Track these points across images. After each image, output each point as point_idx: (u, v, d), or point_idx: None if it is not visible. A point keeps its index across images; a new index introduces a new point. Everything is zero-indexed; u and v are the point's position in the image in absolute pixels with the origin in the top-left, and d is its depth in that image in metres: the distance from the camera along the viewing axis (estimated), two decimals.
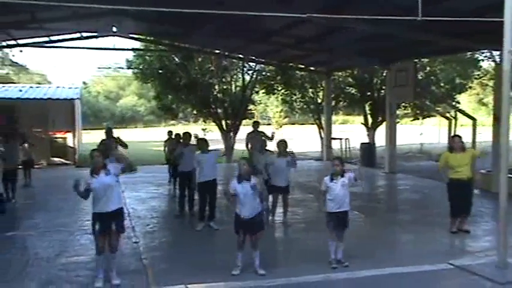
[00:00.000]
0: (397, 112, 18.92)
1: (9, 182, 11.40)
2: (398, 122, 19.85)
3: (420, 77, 19.51)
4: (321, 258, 7.02)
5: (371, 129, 21.47)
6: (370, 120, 21.59)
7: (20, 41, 17.71)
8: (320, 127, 22.37)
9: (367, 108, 22.14)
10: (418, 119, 23.26)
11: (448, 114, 17.63)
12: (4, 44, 17.98)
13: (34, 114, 19.32)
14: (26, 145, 13.67)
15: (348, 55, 16.94)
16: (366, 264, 6.89)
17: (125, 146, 11.71)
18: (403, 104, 20.61)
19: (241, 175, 6.59)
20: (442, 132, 25.44)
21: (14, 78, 49.00)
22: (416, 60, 17.31)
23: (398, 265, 6.88)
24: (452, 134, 11.32)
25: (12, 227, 9.23)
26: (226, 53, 19.59)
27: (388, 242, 8.47)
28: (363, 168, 7.37)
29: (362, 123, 22.05)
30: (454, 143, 8.58)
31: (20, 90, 21.79)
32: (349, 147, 20.96)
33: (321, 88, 22.27)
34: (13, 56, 41.80)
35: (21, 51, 19.34)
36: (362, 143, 20.29)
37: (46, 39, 17.60)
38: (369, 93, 21.51)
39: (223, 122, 21.47)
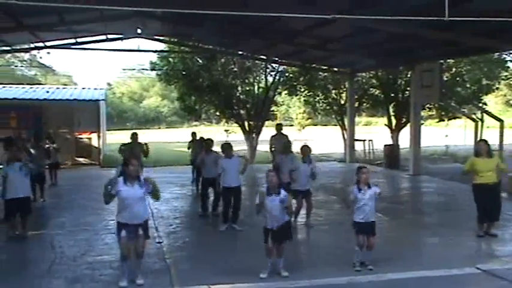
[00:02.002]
0: (422, 113, 18.67)
1: (37, 183, 11.58)
2: (423, 123, 19.57)
3: (446, 78, 19.21)
4: (344, 260, 6.97)
5: (395, 131, 21.23)
6: (394, 121, 21.36)
7: (48, 43, 18.06)
8: (343, 128, 22.22)
9: (391, 109, 21.91)
10: (443, 120, 22.88)
11: (474, 116, 17.32)
12: (32, 45, 18.33)
13: (60, 115, 19.63)
14: (53, 145, 13.88)
15: (372, 56, 16.80)
16: (391, 267, 6.80)
17: (146, 154, 11.81)
18: (428, 105, 20.34)
19: (270, 188, 6.53)
20: (468, 134, 25.03)
21: (41, 79, 49.96)
22: (442, 60, 17.06)
23: (425, 269, 6.78)
24: (478, 139, 11.13)
25: (41, 226, 9.38)
26: (249, 54, 19.62)
27: (414, 244, 8.35)
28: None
29: (386, 125, 21.80)
30: (480, 148, 8.46)
31: (47, 92, 22.14)
32: (372, 149, 20.77)
33: (344, 89, 22.13)
34: (40, 57, 42.75)
35: (48, 53, 19.72)
36: (386, 145, 20.08)
37: (73, 41, 17.92)
38: (392, 95, 21.26)
39: (246, 123, 21.49)
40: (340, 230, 8.52)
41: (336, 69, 20.99)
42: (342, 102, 22.46)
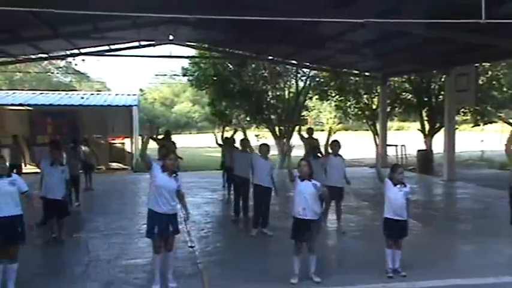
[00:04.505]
0: (456, 118, 18.32)
1: (73, 186, 11.83)
2: (457, 128, 19.19)
3: (481, 82, 18.80)
4: (376, 267, 6.88)
5: (428, 136, 20.87)
6: (427, 126, 21.00)
7: (83, 50, 18.49)
8: (375, 133, 21.99)
9: (424, 114, 21.56)
10: (478, 125, 22.39)
11: (511, 120, 16.85)
12: (68, 53, 18.80)
13: (94, 121, 20.03)
14: (88, 149, 14.17)
15: (405, 60, 16.58)
16: (425, 275, 6.68)
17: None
18: (463, 109, 19.94)
19: (302, 176, 6.56)
20: (504, 140, 24.35)
21: (76, 85, 51.11)
22: (477, 64, 16.70)
23: (460, 277, 6.63)
24: None
25: (76, 229, 9.56)
26: (280, 59, 19.64)
27: (448, 252, 8.17)
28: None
29: (419, 130, 21.45)
30: None
31: (82, 98, 22.64)
32: (405, 154, 20.46)
33: (376, 94, 21.91)
34: (76, 64, 43.82)
35: (83, 60, 20.21)
36: (419, 150, 19.76)
37: (106, 48, 18.29)
38: (426, 99, 20.93)
39: (277, 128, 21.49)
40: (372, 236, 8.40)
41: (367, 73, 20.81)
42: (374, 107, 22.24)
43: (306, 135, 13.11)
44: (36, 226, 8.55)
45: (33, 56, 18.87)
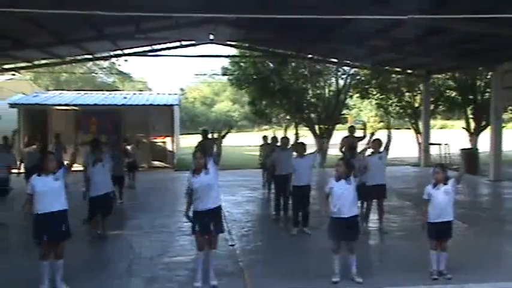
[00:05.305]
0: (503, 116, 17.73)
1: (117, 185, 12.09)
2: (504, 126, 18.57)
3: None
4: (420, 268, 6.73)
5: (473, 134, 20.29)
6: (472, 124, 20.42)
7: (126, 51, 18.91)
8: (417, 132, 21.55)
9: (469, 112, 20.98)
10: None
11: None
12: (112, 53, 19.26)
13: (137, 120, 20.42)
14: (131, 146, 14.47)
15: (449, 57, 16.17)
16: (470, 277, 6.49)
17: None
18: (510, 107, 19.28)
19: (339, 176, 6.50)
20: None
21: (119, 85, 52.30)
22: None
23: (508, 279, 6.42)
24: None
25: (119, 226, 9.78)
26: (320, 57, 19.50)
27: (495, 254, 7.90)
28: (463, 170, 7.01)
29: (463, 128, 20.88)
30: None
31: (125, 97, 23.11)
32: (448, 153, 19.95)
33: (419, 91, 21.46)
34: (119, 65, 44.92)
35: (126, 60, 20.65)
36: (463, 149, 19.22)
37: (148, 48, 18.63)
38: (471, 97, 20.36)
39: (317, 127, 21.36)
40: (416, 237, 8.23)
41: (410, 71, 20.42)
42: (416, 105, 21.79)
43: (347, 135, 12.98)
44: (82, 223, 8.87)
45: (78, 57, 19.45)
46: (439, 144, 20.09)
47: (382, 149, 9.07)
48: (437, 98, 21.48)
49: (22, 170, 12.31)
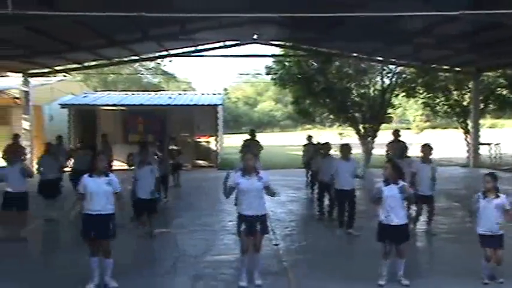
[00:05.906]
0: None
1: (162, 184, 12.28)
2: None
3: None
4: (470, 272, 6.53)
5: None
6: None
7: (171, 52, 19.19)
8: (466, 131, 20.91)
9: None
10: None
11: None
12: (157, 54, 19.59)
13: (181, 120, 20.69)
14: (176, 147, 14.69)
15: (500, 53, 15.59)
16: None
17: (260, 148, 12.34)
18: None
19: (387, 179, 6.36)
20: None
21: (164, 86, 53.20)
22: None
23: None
24: None
25: (165, 225, 9.92)
26: (365, 56, 19.21)
27: None
28: None
29: None
30: None
31: (170, 98, 23.48)
32: (500, 153, 19.27)
33: (468, 90, 20.82)
34: (164, 65, 45.73)
35: (171, 61, 20.97)
36: None
37: (193, 48, 18.84)
38: None
39: (361, 127, 21.04)
40: (465, 239, 7.99)
41: (458, 68, 19.82)
42: (465, 103, 21.15)
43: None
44: (130, 220, 9.07)
45: (125, 59, 19.88)
46: (490, 144, 19.43)
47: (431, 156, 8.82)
48: (487, 96, 20.76)
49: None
